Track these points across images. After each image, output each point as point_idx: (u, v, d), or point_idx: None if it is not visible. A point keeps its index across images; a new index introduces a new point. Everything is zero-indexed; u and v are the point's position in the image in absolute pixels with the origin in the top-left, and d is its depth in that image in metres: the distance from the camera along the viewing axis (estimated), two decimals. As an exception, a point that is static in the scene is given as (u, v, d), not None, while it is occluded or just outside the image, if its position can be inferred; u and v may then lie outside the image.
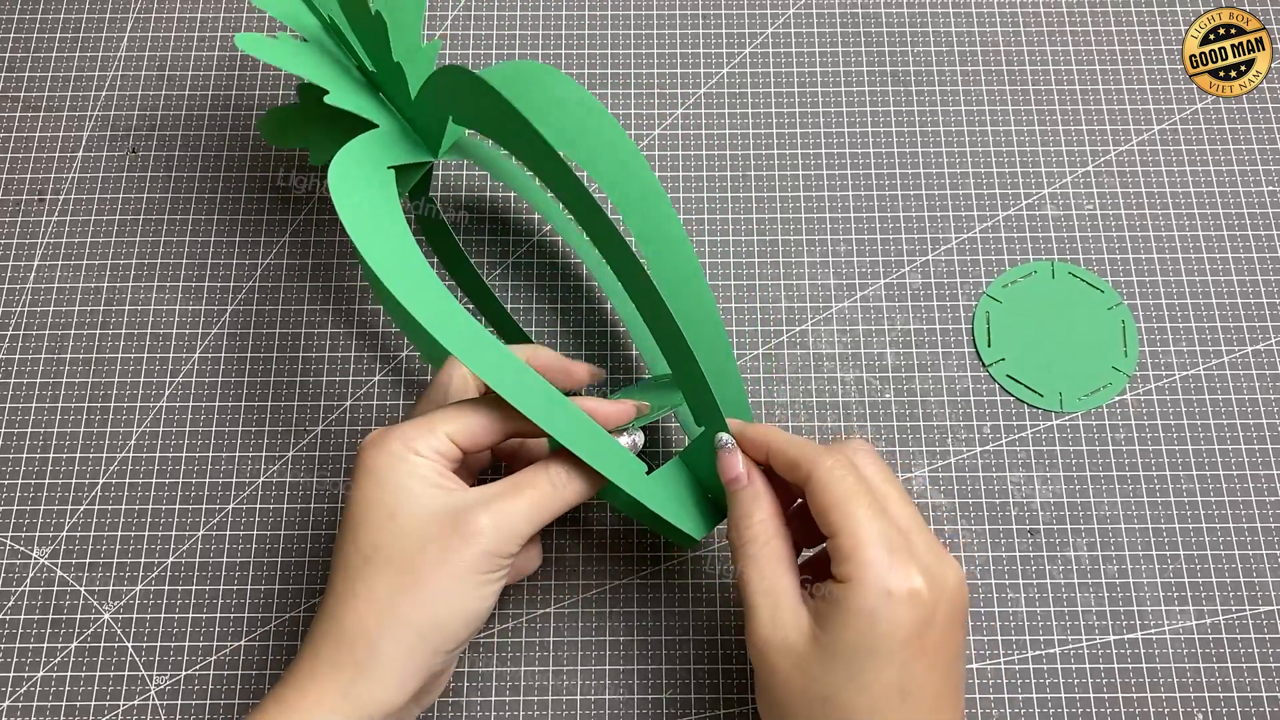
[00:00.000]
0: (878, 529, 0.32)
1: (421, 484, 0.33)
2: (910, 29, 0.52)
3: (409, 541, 0.33)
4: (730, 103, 0.51)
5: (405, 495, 0.33)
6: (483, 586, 0.33)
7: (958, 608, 0.33)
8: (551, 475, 0.35)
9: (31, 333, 0.47)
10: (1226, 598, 0.43)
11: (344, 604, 0.33)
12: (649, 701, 0.42)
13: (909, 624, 0.31)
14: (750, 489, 0.36)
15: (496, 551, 0.33)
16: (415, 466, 0.33)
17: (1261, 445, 0.45)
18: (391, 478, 0.33)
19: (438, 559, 0.33)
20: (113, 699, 0.42)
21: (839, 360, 0.47)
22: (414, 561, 0.32)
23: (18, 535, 0.44)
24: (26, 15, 0.52)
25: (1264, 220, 0.48)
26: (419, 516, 0.33)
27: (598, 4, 0.52)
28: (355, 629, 0.32)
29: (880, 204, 0.49)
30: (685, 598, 0.43)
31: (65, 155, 0.50)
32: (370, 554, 0.33)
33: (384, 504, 0.33)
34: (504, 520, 0.33)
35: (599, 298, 0.48)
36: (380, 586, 0.33)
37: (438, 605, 0.33)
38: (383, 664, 0.32)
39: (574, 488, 0.35)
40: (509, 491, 0.34)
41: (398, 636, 0.32)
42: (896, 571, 0.31)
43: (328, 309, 0.47)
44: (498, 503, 0.34)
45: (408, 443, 0.33)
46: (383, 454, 0.33)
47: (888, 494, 0.34)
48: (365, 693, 0.32)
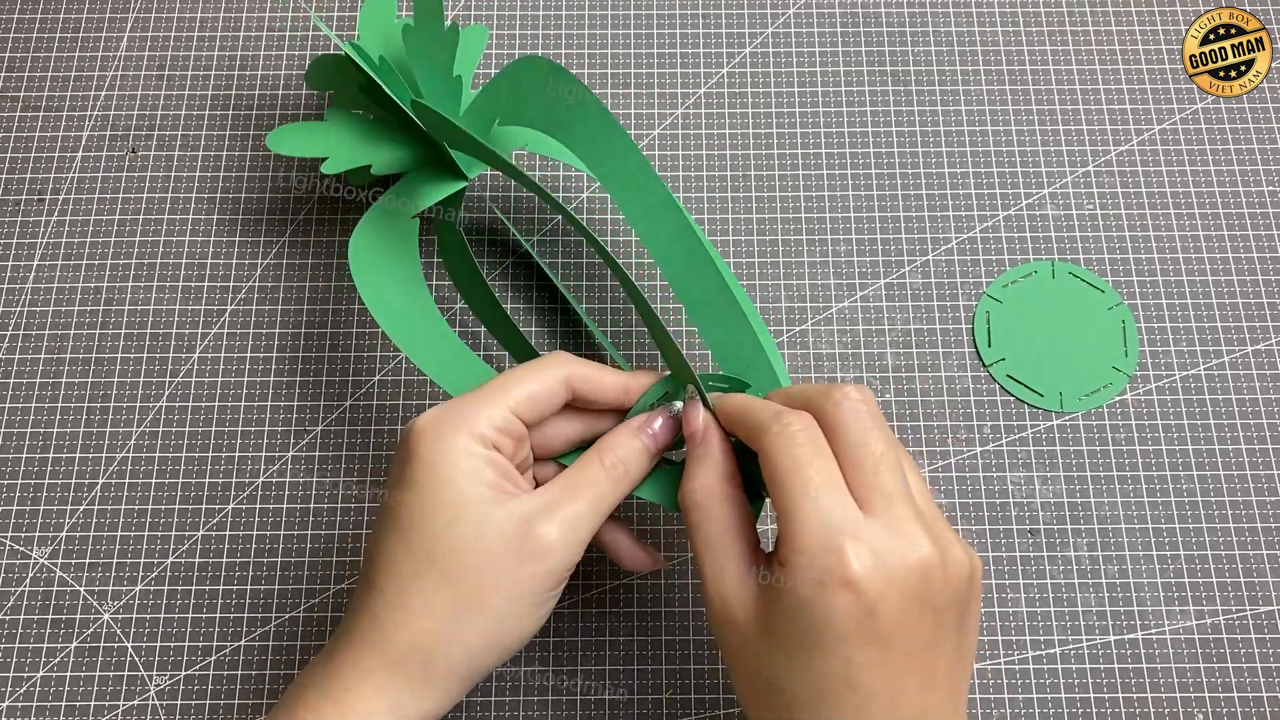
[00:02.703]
0: (819, 509, 0.29)
1: (484, 486, 0.31)
2: (910, 29, 0.52)
3: (471, 557, 0.30)
4: (730, 103, 0.51)
5: (466, 501, 0.31)
6: (546, 604, 0.32)
7: (923, 590, 0.29)
8: (607, 465, 0.33)
9: (31, 333, 0.47)
10: (1226, 598, 0.43)
11: (395, 614, 0.31)
12: (649, 701, 0.42)
13: (848, 612, 0.28)
14: (701, 448, 0.33)
15: (564, 567, 0.32)
16: (477, 464, 0.31)
17: (1261, 445, 0.45)
18: (452, 477, 0.31)
19: (503, 580, 0.31)
20: (112, 699, 0.42)
21: (839, 360, 0.46)
22: (476, 581, 0.30)
23: (18, 535, 0.44)
24: (26, 15, 0.52)
25: (1264, 220, 0.48)
26: (481, 529, 0.31)
27: (598, 4, 0.52)
28: (407, 644, 0.31)
29: (880, 204, 0.49)
30: (685, 598, 0.43)
31: (65, 155, 0.50)
32: (424, 565, 0.31)
33: (442, 508, 0.31)
34: (571, 530, 0.31)
35: (597, 298, 0.48)
36: (438, 603, 0.31)
37: (498, 627, 0.31)
38: (435, 683, 0.31)
39: (631, 474, 0.33)
40: (569, 493, 0.32)
41: (453, 656, 0.31)
42: (831, 557, 0.28)
43: (328, 309, 0.47)
44: (562, 510, 0.32)
45: (469, 427, 0.31)
46: (441, 446, 0.31)
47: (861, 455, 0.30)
48: (412, 706, 0.31)
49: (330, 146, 0.43)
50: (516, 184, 0.47)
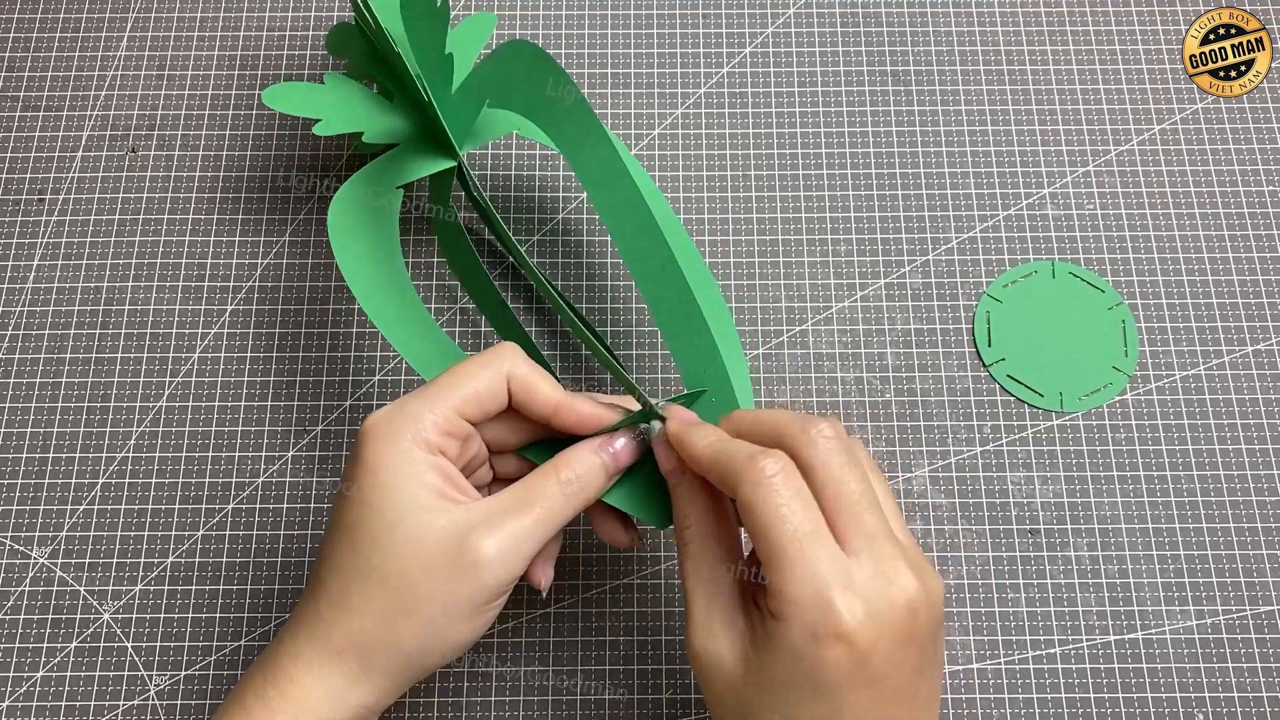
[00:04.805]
0: (808, 561, 0.29)
1: (425, 493, 0.31)
2: (910, 29, 0.52)
3: (407, 564, 0.31)
4: (730, 103, 0.51)
5: (406, 508, 0.31)
6: (483, 614, 0.32)
7: (912, 628, 0.30)
8: (562, 480, 0.33)
9: (31, 333, 0.47)
10: (1226, 598, 0.43)
11: (336, 610, 0.32)
12: (649, 701, 0.42)
13: (840, 663, 0.28)
14: (683, 485, 0.33)
15: (502, 581, 0.31)
16: (419, 469, 0.31)
17: (1261, 445, 0.45)
18: (392, 483, 0.31)
19: (437, 590, 0.31)
20: (112, 699, 0.42)
21: (839, 360, 0.46)
22: (412, 589, 0.31)
23: (18, 535, 0.44)
24: (26, 15, 0.52)
25: (1264, 220, 0.48)
26: (419, 538, 0.31)
27: (598, 4, 0.52)
28: (345, 640, 0.31)
29: (880, 204, 0.49)
30: (685, 598, 0.43)
31: (65, 155, 0.50)
32: (364, 566, 0.31)
33: (383, 513, 0.31)
34: (512, 545, 0.31)
35: (595, 298, 0.48)
36: (374, 604, 0.31)
37: (432, 633, 0.31)
38: (371, 678, 0.32)
39: (586, 492, 0.33)
40: (517, 506, 0.32)
41: (389, 656, 0.31)
42: (824, 611, 0.28)
43: (328, 309, 0.47)
44: (505, 523, 0.31)
45: (414, 431, 0.31)
46: (384, 450, 0.31)
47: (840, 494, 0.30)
48: (351, 697, 0.32)
49: (325, 109, 0.43)
50: (516, 184, 0.47)
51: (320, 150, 0.50)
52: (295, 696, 0.31)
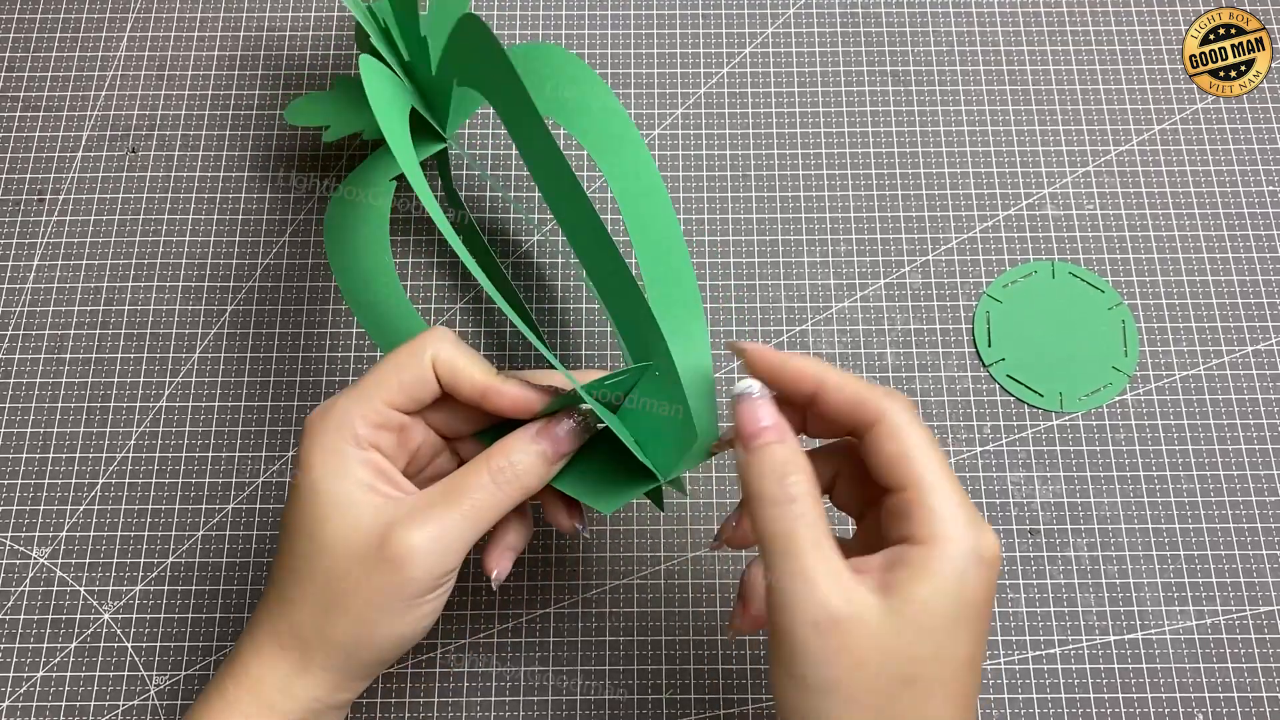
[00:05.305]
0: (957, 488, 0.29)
1: (356, 487, 0.31)
2: (910, 29, 0.52)
3: (333, 560, 0.31)
4: (730, 103, 0.51)
5: (335, 503, 0.31)
6: (414, 609, 0.31)
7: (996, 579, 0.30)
8: (494, 470, 0.32)
9: (31, 333, 0.47)
10: (1226, 598, 0.43)
11: (281, 603, 0.32)
12: (649, 701, 0.42)
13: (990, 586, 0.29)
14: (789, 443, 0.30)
15: (428, 575, 0.31)
16: (349, 465, 0.31)
17: (1261, 445, 0.45)
18: (322, 479, 0.31)
19: (361, 585, 0.31)
20: (112, 699, 0.42)
21: (839, 360, 0.46)
22: (338, 584, 0.31)
23: (18, 535, 0.44)
24: (26, 15, 0.52)
25: (1264, 220, 0.48)
26: (344, 534, 0.31)
27: (598, 3, 0.52)
28: (288, 633, 0.32)
29: (880, 204, 0.49)
30: (685, 598, 0.43)
31: (65, 155, 0.50)
32: (302, 561, 0.31)
33: (316, 509, 0.31)
34: (438, 537, 0.31)
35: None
36: (310, 598, 0.31)
37: (364, 628, 0.31)
38: (314, 671, 0.32)
39: (522, 480, 0.32)
40: (445, 500, 0.31)
41: (325, 649, 0.32)
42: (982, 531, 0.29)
43: (328, 309, 0.47)
44: (432, 516, 0.31)
45: (345, 428, 0.31)
46: (317, 447, 0.31)
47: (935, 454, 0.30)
48: (300, 689, 0.32)
49: (331, 116, 0.45)
50: (520, 186, 0.47)
51: (320, 150, 0.50)
52: (250, 688, 0.32)
